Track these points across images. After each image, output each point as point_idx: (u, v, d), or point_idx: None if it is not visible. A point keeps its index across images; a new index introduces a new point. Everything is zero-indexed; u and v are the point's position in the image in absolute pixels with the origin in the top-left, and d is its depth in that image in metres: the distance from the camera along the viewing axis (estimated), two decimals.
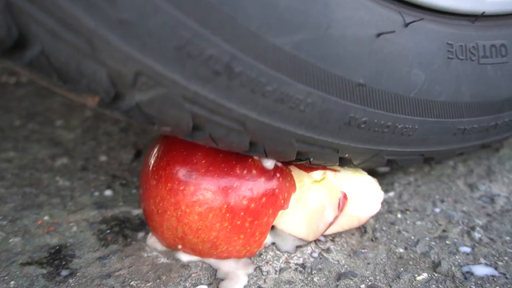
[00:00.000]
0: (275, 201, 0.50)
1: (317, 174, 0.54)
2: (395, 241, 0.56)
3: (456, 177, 0.67)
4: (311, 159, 0.50)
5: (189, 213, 0.48)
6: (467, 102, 0.53)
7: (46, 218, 0.61)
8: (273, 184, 0.50)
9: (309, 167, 0.54)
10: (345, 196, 0.53)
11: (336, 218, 0.53)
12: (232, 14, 0.37)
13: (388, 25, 0.46)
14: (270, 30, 0.39)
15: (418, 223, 0.59)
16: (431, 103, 0.51)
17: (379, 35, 0.45)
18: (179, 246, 0.51)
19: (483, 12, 0.52)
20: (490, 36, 0.53)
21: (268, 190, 0.50)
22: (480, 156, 0.70)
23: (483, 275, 0.51)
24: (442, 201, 0.62)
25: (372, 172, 0.67)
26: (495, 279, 0.51)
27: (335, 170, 0.54)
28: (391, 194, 0.64)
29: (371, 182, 0.56)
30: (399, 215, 0.60)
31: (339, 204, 0.53)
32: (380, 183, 0.65)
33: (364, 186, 0.55)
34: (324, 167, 0.53)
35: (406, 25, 0.47)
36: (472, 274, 0.51)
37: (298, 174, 0.54)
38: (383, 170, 0.68)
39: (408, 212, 0.61)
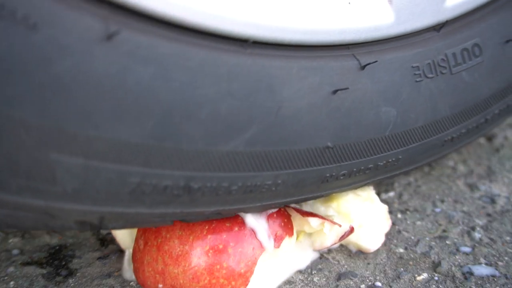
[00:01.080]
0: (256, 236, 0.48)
1: (315, 222, 0.51)
2: (395, 241, 0.56)
3: (456, 177, 0.67)
4: (300, 203, 0.50)
5: (170, 238, 0.46)
6: (448, 115, 0.50)
7: None
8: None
9: (306, 213, 0.51)
10: (352, 230, 0.51)
11: (334, 244, 0.53)
12: (175, 145, 0.37)
13: (343, 75, 0.43)
14: (218, 140, 0.38)
15: (418, 223, 0.59)
16: (409, 132, 0.48)
17: (335, 91, 0.43)
18: (160, 286, 0.47)
19: (446, 21, 0.48)
20: (460, 39, 0.49)
21: None
22: (480, 156, 0.70)
23: (483, 275, 0.51)
24: (442, 201, 0.62)
25: None
26: (495, 279, 0.51)
27: (334, 223, 0.51)
28: (391, 194, 0.64)
29: (381, 211, 0.55)
30: (399, 215, 0.60)
31: (343, 235, 0.51)
32: (380, 183, 0.65)
33: (372, 216, 0.53)
34: (324, 218, 0.50)
35: (363, 67, 0.44)
36: (472, 274, 0.51)
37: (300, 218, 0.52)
38: None
39: (408, 212, 0.61)
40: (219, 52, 0.38)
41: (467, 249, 0.55)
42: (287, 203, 0.47)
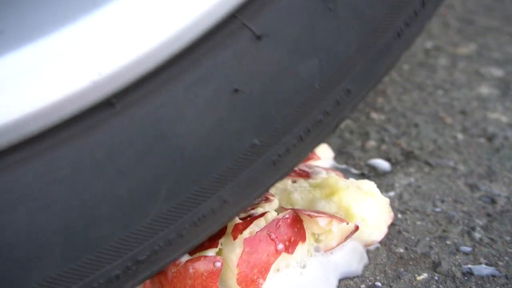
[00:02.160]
0: (272, 241, 0.46)
1: (323, 222, 0.49)
2: (395, 241, 0.56)
3: (456, 177, 0.67)
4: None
5: None
6: (385, 15, 0.40)
7: None
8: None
9: (314, 213, 0.48)
10: (356, 228, 0.50)
11: (339, 244, 0.51)
12: (97, 249, 0.34)
13: (239, 64, 0.35)
14: (135, 219, 0.35)
15: (418, 223, 0.59)
16: (345, 64, 0.39)
17: (236, 90, 0.36)
18: None
19: None
20: None
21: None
22: (480, 156, 0.70)
23: (483, 275, 0.51)
24: (442, 201, 0.62)
25: (372, 173, 0.67)
26: (495, 279, 0.51)
27: (342, 220, 0.50)
28: (391, 194, 0.64)
29: (383, 204, 0.54)
30: (399, 215, 0.60)
31: (348, 235, 0.50)
32: (380, 183, 0.65)
33: (374, 210, 0.53)
34: (332, 216, 0.49)
35: (259, 37, 0.36)
36: (472, 274, 0.51)
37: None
38: (383, 170, 0.68)
39: (408, 212, 0.61)
40: (87, 133, 0.32)
41: (467, 249, 0.55)
42: (260, 196, 0.42)
